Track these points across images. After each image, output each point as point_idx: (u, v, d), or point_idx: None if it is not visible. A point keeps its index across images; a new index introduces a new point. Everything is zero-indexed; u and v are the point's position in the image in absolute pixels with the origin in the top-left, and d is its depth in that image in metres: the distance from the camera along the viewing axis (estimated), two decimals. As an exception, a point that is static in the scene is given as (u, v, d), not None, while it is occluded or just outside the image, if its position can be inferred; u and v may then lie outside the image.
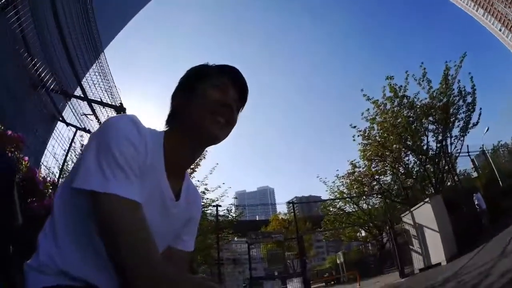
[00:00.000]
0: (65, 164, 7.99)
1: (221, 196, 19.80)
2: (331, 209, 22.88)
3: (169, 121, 1.04)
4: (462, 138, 13.44)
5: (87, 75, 8.32)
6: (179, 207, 0.99)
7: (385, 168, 16.12)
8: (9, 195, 1.44)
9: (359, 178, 17.56)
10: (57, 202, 0.84)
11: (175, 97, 1.05)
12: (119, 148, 0.75)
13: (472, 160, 16.59)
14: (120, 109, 8.05)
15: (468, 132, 13.32)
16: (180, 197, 0.99)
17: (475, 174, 17.00)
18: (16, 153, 2.67)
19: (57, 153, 7.57)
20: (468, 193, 12.70)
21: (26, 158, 2.73)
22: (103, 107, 8.29)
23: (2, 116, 4.66)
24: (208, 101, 0.95)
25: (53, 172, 7.43)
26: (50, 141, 7.28)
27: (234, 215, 21.34)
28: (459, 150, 13.76)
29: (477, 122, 13.26)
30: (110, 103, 8.35)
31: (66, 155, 8.05)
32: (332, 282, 21.36)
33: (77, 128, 8.55)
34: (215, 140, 0.97)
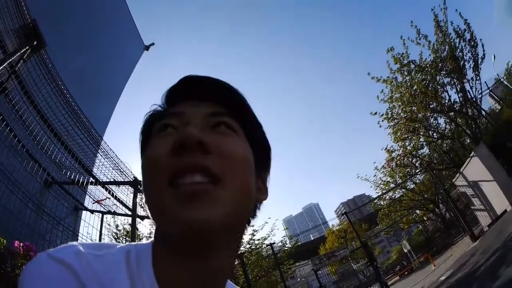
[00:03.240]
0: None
1: (271, 231, 19.65)
2: (382, 203, 22.03)
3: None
4: (478, 77, 12.87)
5: (95, 162, 8.52)
6: None
7: (420, 141, 15.69)
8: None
9: (398, 162, 17.03)
10: None
11: None
12: None
13: (491, 95, 15.84)
14: (135, 183, 8.09)
15: (480, 69, 12.75)
16: None
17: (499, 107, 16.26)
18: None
19: (94, 239, 7.98)
20: (504, 128, 11.97)
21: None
22: (119, 186, 8.39)
23: (22, 220, 4.81)
24: (152, 161, 0.49)
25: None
26: (83, 229, 7.59)
27: (289, 245, 20.98)
28: (480, 91, 13.18)
29: (484, 55, 12.68)
30: (123, 180, 8.46)
31: (100, 239, 8.38)
32: (406, 273, 20.18)
33: (102, 213, 8.80)
34: (198, 232, 0.43)
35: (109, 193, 8.31)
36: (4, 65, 4.47)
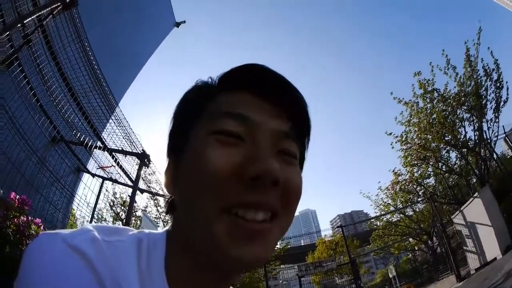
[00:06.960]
0: (95, 212, 8.47)
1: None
2: (378, 223, 21.95)
3: (169, 213, 0.55)
4: (497, 120, 12.51)
5: (106, 127, 8.59)
6: None
7: (428, 170, 15.55)
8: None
9: (403, 187, 16.93)
10: None
11: (166, 170, 0.53)
12: None
13: (505, 139, 15.49)
14: (142, 156, 8.15)
15: (501, 112, 12.40)
16: None
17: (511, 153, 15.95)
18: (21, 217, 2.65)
19: (91, 202, 8.18)
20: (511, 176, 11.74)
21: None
22: (125, 156, 8.48)
23: (23, 172, 4.91)
24: (210, 174, 0.42)
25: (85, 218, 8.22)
26: (81, 191, 7.84)
27: (279, 247, 21.05)
28: (496, 134, 12.81)
29: (507, 99, 12.32)
30: (131, 150, 8.52)
31: (96, 204, 8.47)
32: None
33: (104, 178, 8.90)
34: (246, 265, 0.42)
35: (114, 161, 8.43)
36: (32, 17, 4.53)
